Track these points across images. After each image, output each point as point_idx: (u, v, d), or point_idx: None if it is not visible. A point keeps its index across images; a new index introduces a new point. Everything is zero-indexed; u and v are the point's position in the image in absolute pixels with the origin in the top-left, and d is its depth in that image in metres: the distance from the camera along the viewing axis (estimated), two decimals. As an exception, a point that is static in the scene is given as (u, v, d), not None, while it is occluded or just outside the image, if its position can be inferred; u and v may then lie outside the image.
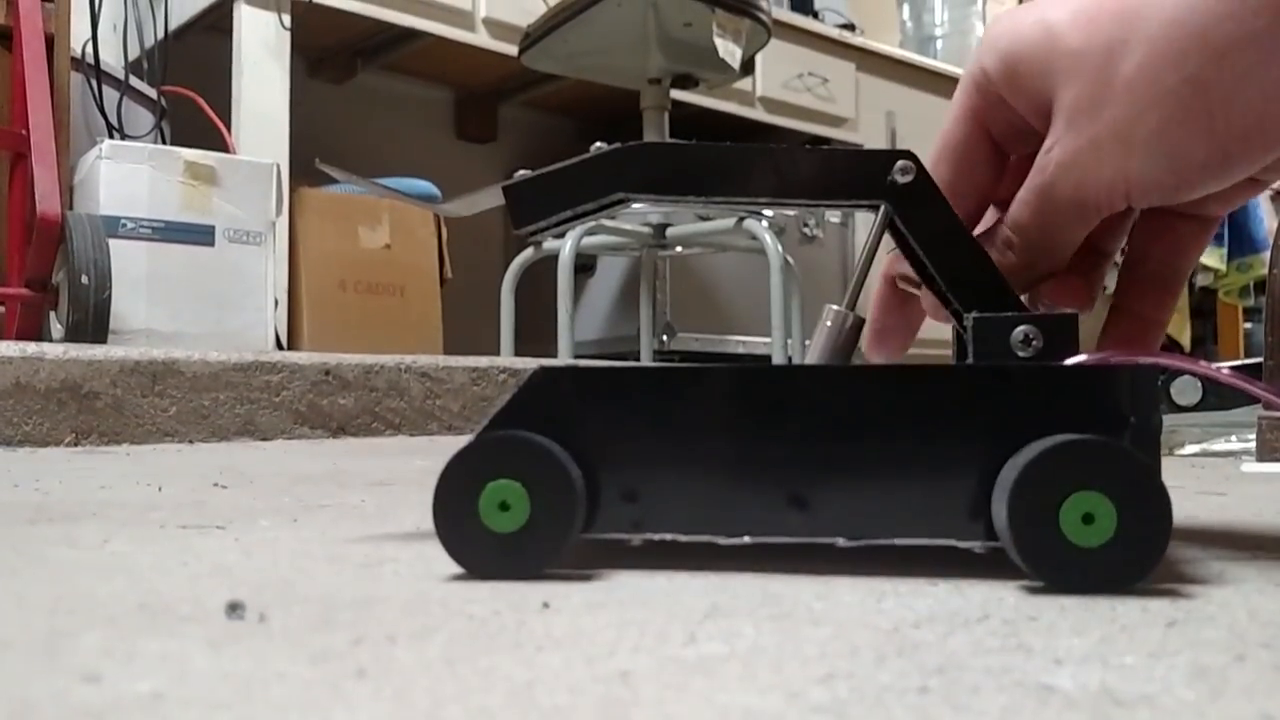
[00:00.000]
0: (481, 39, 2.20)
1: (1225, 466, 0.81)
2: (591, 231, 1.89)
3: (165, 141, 1.88)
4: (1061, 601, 0.27)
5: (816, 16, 2.92)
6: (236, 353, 1.11)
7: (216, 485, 0.61)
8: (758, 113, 2.69)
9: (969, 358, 0.34)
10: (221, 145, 1.78)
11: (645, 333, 2.16)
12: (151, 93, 1.92)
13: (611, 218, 1.79)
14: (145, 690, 0.19)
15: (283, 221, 1.80)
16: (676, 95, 2.00)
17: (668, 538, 0.31)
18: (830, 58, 2.85)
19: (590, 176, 0.36)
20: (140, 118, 1.88)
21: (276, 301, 1.77)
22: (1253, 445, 0.85)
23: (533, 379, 0.32)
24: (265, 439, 1.08)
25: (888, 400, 0.31)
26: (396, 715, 0.18)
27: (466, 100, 2.75)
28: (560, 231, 0.37)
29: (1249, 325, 3.07)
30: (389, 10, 2.07)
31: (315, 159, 0.48)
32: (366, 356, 1.19)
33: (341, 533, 0.41)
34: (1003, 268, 0.35)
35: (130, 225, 1.59)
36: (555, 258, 1.82)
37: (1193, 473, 0.74)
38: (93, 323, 1.35)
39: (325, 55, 2.43)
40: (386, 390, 1.18)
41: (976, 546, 0.30)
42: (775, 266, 1.78)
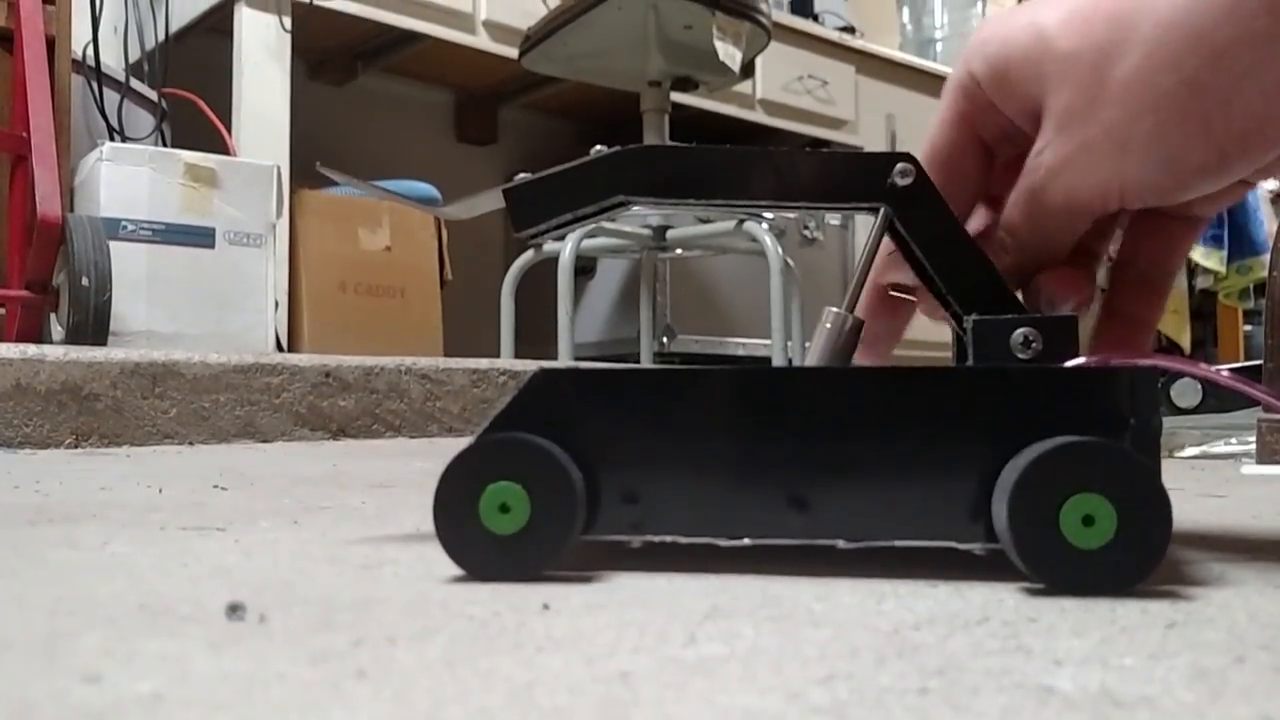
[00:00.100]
0: (482, 41, 2.20)
1: (1225, 469, 0.81)
2: (592, 234, 1.89)
3: (166, 144, 1.88)
4: (1061, 603, 0.27)
5: (816, 19, 2.93)
6: (237, 354, 1.11)
7: (217, 487, 0.61)
8: (758, 115, 2.69)
9: (969, 360, 0.34)
10: (222, 147, 1.78)
11: (645, 335, 2.16)
12: (152, 95, 1.92)
13: (611, 220, 1.79)
14: (145, 691, 0.19)
15: (283, 223, 1.80)
16: (676, 98, 2.00)
17: (668, 539, 0.31)
18: (830, 60, 2.85)
19: (590, 179, 0.36)
20: (141, 120, 1.89)
21: (277, 303, 1.77)
22: (1252, 448, 0.85)
23: (533, 381, 0.32)
24: (265, 441, 1.08)
25: (888, 402, 0.31)
26: (396, 716, 0.18)
27: (467, 103, 2.76)
28: (560, 234, 0.37)
29: (1249, 328, 3.07)
30: (389, 13, 2.07)
31: (316, 162, 0.48)
32: (367, 358, 1.19)
33: (342, 534, 0.41)
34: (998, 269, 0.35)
35: (131, 227, 1.59)
36: (555, 260, 1.82)
37: (1192, 475, 0.74)
38: (93, 324, 1.35)
39: (326, 57, 2.43)
40: (387, 392, 1.18)
41: (976, 548, 0.30)
42: (775, 269, 1.78)
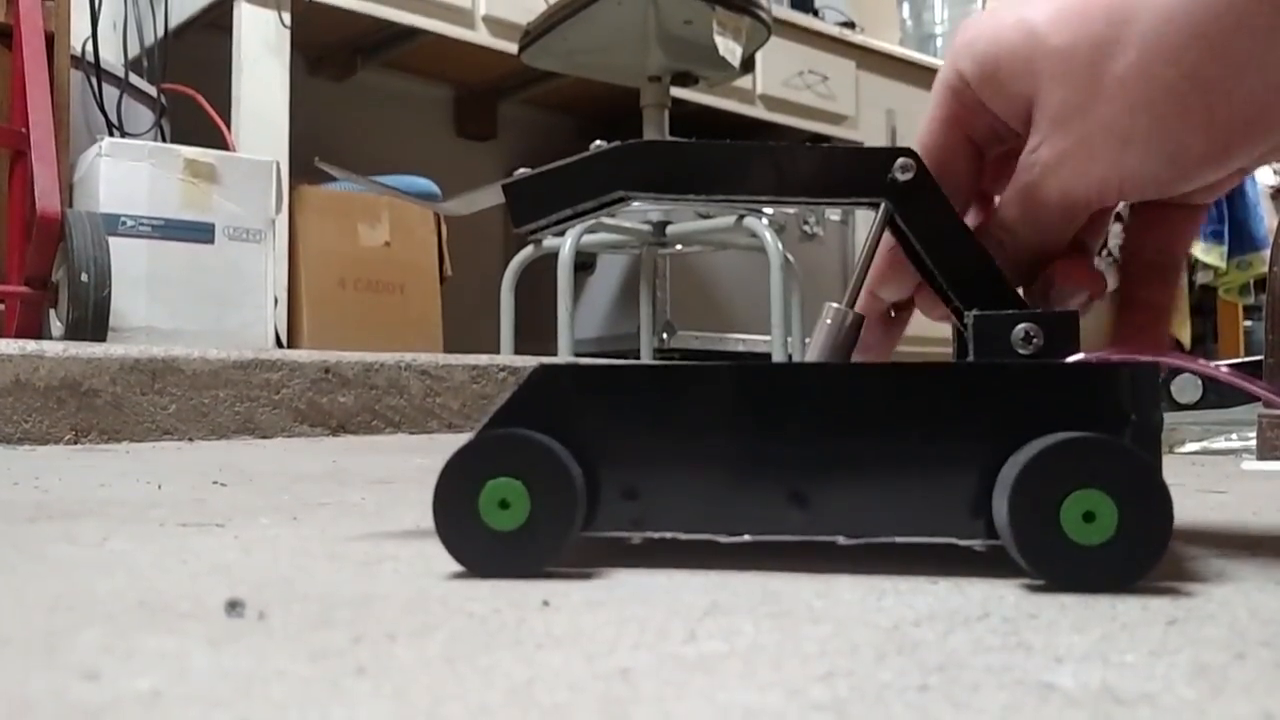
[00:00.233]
0: (481, 36, 2.20)
1: (1225, 464, 0.81)
2: (591, 229, 1.89)
3: (165, 139, 1.87)
4: (1062, 599, 0.27)
5: (817, 14, 2.92)
6: (236, 350, 1.11)
7: (216, 483, 0.61)
8: (758, 110, 2.69)
9: (969, 355, 0.34)
10: (221, 143, 1.78)
11: (645, 330, 2.16)
12: (151, 90, 1.91)
13: (611, 216, 1.79)
14: (144, 688, 0.19)
15: (282, 219, 1.80)
16: (676, 93, 2.00)
17: (668, 536, 0.31)
18: (830, 55, 2.85)
19: (590, 175, 0.36)
20: (140, 115, 1.88)
21: (276, 299, 1.77)
22: (1253, 443, 0.85)
23: (533, 377, 0.32)
24: (265, 437, 1.08)
25: (888, 398, 0.31)
26: (396, 713, 0.18)
27: (466, 98, 2.75)
28: (560, 229, 0.37)
29: (1249, 323, 3.07)
30: (389, 8, 2.07)
31: (315, 157, 0.48)
32: (366, 354, 1.19)
33: (341, 531, 0.41)
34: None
35: (130, 223, 1.58)
36: (555, 256, 1.82)
37: (1193, 471, 0.74)
38: (92, 320, 1.35)
39: (325, 53, 2.43)
40: (386, 388, 1.18)
41: (977, 544, 0.30)
42: (775, 264, 1.78)
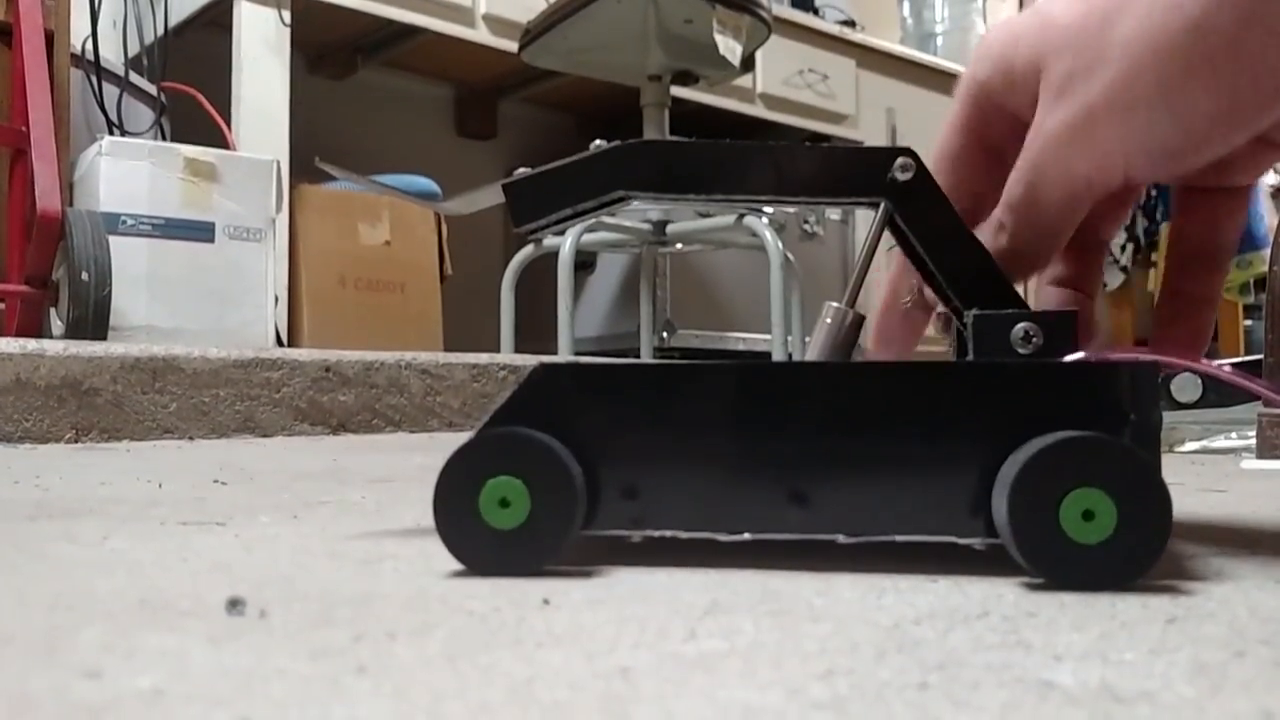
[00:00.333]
0: (482, 35, 2.20)
1: (1225, 463, 0.81)
2: (591, 229, 1.89)
3: (165, 138, 1.88)
4: (1061, 598, 0.27)
5: (817, 13, 2.92)
6: (237, 349, 1.11)
7: (217, 482, 0.61)
8: (758, 109, 2.69)
9: (969, 355, 0.34)
10: (221, 142, 1.78)
11: (645, 329, 2.16)
12: (151, 89, 1.91)
13: (611, 215, 1.78)
14: (145, 686, 0.19)
15: (283, 218, 1.80)
16: (676, 92, 2.00)
17: (668, 534, 0.31)
18: (830, 54, 2.85)
19: (590, 174, 0.35)
20: (140, 114, 1.88)
21: (276, 298, 1.77)
22: (1253, 442, 0.85)
23: (533, 376, 0.32)
24: (265, 436, 1.08)
25: (888, 397, 0.31)
26: (396, 711, 0.18)
27: (467, 97, 2.75)
28: (560, 229, 0.37)
29: (1249, 322, 3.06)
30: (389, 6, 2.07)
31: (315, 157, 0.48)
32: (367, 353, 1.19)
33: (342, 529, 0.41)
34: (996, 252, 0.34)
35: (130, 222, 1.59)
36: (555, 255, 1.82)
37: (1193, 470, 0.74)
38: (93, 319, 1.35)
39: (325, 52, 2.43)
40: (387, 387, 1.18)
41: (976, 543, 0.30)
42: (775, 263, 1.78)
